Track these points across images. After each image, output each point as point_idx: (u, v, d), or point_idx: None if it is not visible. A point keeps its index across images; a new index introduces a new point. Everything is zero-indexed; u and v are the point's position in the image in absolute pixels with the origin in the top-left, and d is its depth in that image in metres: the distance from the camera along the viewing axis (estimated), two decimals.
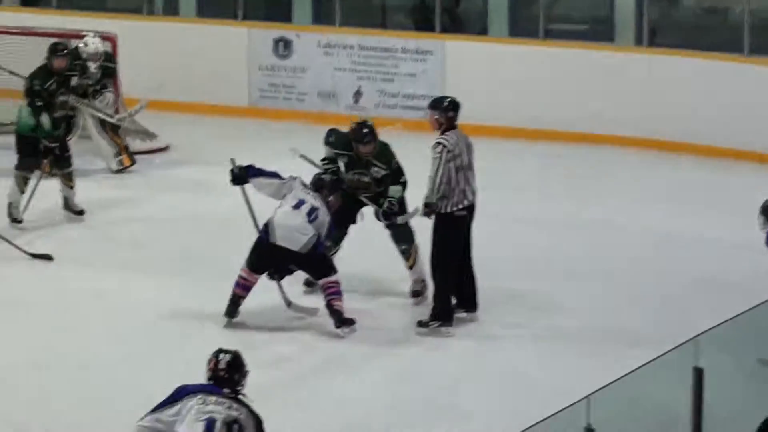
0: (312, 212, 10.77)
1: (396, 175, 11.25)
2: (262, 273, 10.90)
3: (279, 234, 10.70)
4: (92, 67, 14.26)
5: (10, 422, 9.48)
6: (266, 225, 10.79)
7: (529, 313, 11.29)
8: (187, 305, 11.31)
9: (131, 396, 9.24)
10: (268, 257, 10.80)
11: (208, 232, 12.83)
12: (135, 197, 14.05)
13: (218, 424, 6.96)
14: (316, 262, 10.85)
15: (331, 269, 10.86)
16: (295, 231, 10.69)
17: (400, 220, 11.12)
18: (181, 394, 7.06)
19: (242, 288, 10.89)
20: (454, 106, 10.93)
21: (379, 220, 11.22)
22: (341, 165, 11.28)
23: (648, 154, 15.46)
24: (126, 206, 13.76)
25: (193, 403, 7.03)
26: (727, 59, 15.51)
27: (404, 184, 11.26)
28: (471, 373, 10.45)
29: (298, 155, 11.86)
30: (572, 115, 15.80)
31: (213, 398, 7.06)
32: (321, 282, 10.88)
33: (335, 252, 11.23)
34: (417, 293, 11.27)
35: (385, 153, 11.31)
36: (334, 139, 11.41)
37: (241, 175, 11.09)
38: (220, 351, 7.27)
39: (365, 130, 11.22)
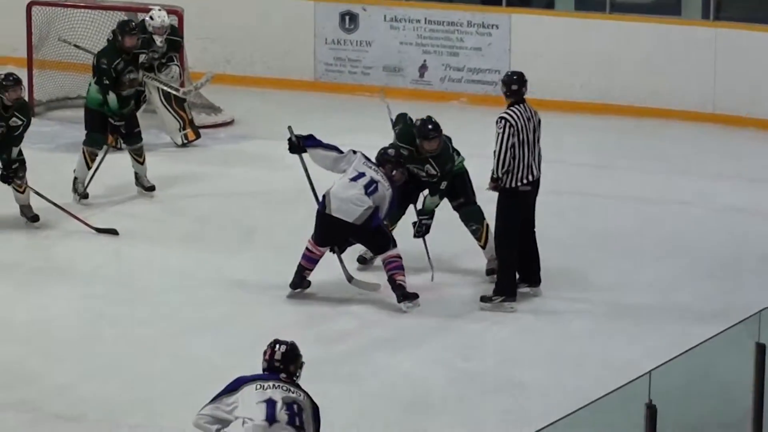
0: (370, 185, 10.76)
1: (442, 180, 11.20)
2: (327, 246, 10.93)
3: (334, 205, 10.72)
4: (158, 40, 14.28)
5: (72, 397, 9.56)
6: (324, 196, 10.82)
7: (592, 289, 11.28)
8: (252, 277, 11.37)
9: (197, 368, 9.40)
10: (327, 229, 10.81)
11: (273, 206, 12.87)
12: (199, 172, 14.08)
13: (279, 405, 6.98)
14: (374, 235, 10.86)
15: (390, 242, 10.85)
16: (349, 202, 10.69)
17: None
18: (238, 383, 7.09)
19: (308, 260, 10.90)
20: (520, 79, 10.87)
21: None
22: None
23: (714, 129, 15.38)
24: (190, 181, 13.81)
25: (251, 389, 7.05)
26: None
27: (443, 193, 11.22)
28: (532, 349, 10.44)
29: (384, 101, 11.93)
30: (640, 90, 15.75)
31: (270, 383, 7.09)
32: (382, 256, 10.89)
33: (391, 230, 11.19)
34: (492, 271, 11.19)
35: (444, 155, 11.18)
36: (399, 130, 11.33)
37: (299, 145, 11.07)
38: (276, 342, 7.29)
39: (430, 126, 11.12)
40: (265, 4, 17.24)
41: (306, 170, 11.24)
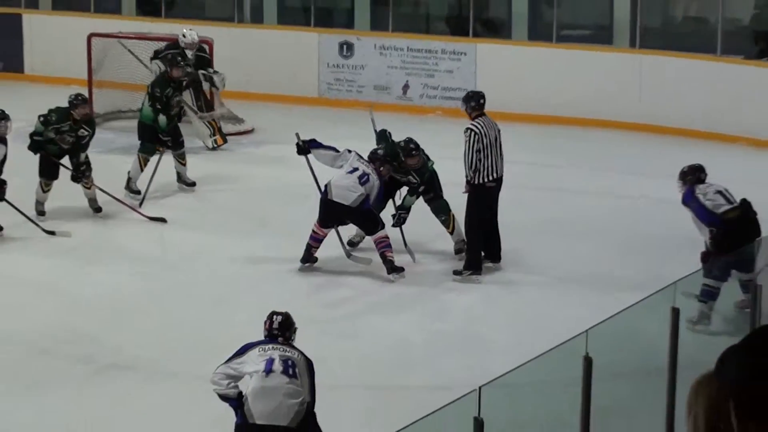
0: (363, 176, 10.80)
1: (420, 185, 11.19)
2: (329, 227, 10.94)
3: (334, 192, 10.76)
4: (189, 54, 14.35)
5: (127, 353, 9.57)
6: (326, 185, 10.88)
7: (543, 265, 11.26)
8: (269, 254, 11.37)
9: (225, 328, 9.36)
10: (329, 212, 10.84)
11: (286, 198, 12.85)
12: (227, 170, 14.04)
13: (276, 361, 7.06)
14: (366, 218, 10.86)
15: (379, 225, 10.85)
16: (346, 189, 10.74)
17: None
18: (245, 348, 7.18)
19: (314, 240, 10.91)
20: (479, 98, 10.94)
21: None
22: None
23: (641, 135, 15.35)
24: (220, 178, 13.75)
25: (255, 351, 7.14)
26: (703, 58, 15.37)
27: (420, 194, 11.23)
28: (494, 313, 10.47)
29: (371, 114, 11.94)
30: (582, 104, 15.71)
31: (270, 346, 7.16)
32: (373, 237, 10.88)
33: None
34: (459, 250, 11.17)
35: (422, 168, 11.21)
36: (385, 148, 11.27)
37: (305, 147, 11.16)
38: (273, 313, 7.37)
39: (412, 146, 11.17)
40: (277, 36, 17.22)
41: (311, 167, 11.25)
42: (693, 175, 9.99)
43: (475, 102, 10.86)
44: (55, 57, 17.33)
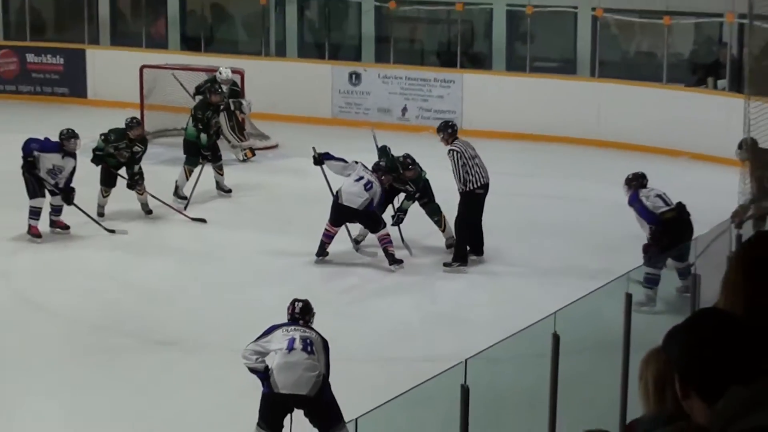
0: (368, 184, 10.78)
1: (416, 193, 11.17)
2: (339, 225, 10.93)
3: (344, 197, 10.74)
4: (224, 87, 14.32)
5: (171, 328, 9.56)
6: (337, 191, 10.86)
7: (519, 258, 11.23)
8: (290, 249, 11.33)
9: (254, 309, 9.34)
10: (339, 213, 10.83)
11: (305, 202, 12.77)
12: (256, 179, 13.96)
13: (297, 340, 7.05)
14: (370, 218, 10.83)
15: (382, 224, 10.83)
16: (354, 195, 10.72)
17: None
18: (271, 329, 7.18)
19: (327, 237, 10.90)
20: (453, 125, 11.09)
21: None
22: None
23: (600, 150, 15.25)
24: (250, 185, 13.68)
25: (279, 332, 7.14)
26: (651, 86, 15.35)
27: (415, 199, 11.21)
28: (478, 297, 10.46)
29: (373, 133, 11.89)
30: (551, 124, 15.62)
31: (292, 328, 7.16)
32: (376, 234, 10.86)
33: None
34: (450, 245, 11.14)
35: (418, 179, 11.19)
36: (386, 159, 11.23)
37: (319, 159, 11.15)
38: (295, 300, 7.38)
39: (409, 161, 11.16)
40: (297, 67, 17.16)
41: (325, 176, 11.25)
42: (637, 181, 10.03)
43: (450, 129, 10.97)
44: (112, 84, 17.30)
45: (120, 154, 11.99)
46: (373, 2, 17.01)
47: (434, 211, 11.29)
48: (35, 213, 11.47)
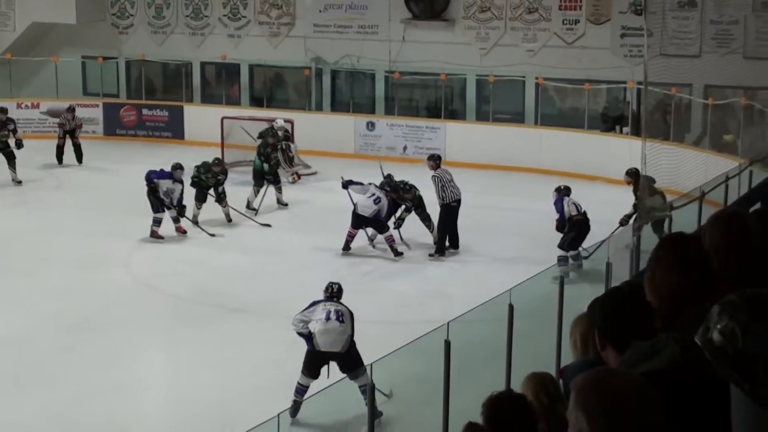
0: (377, 199, 10.78)
1: (412, 207, 11.09)
2: (358, 228, 10.87)
3: (360, 208, 10.76)
4: (279, 132, 14.23)
5: (241, 301, 9.51)
6: (355, 204, 10.84)
7: (485, 251, 11.16)
8: (326, 246, 11.25)
9: (298, 290, 9.25)
10: (358, 219, 10.81)
11: (336, 214, 12.68)
12: (302, 196, 13.85)
13: (332, 312, 7.01)
14: (379, 223, 10.80)
15: (386, 228, 10.81)
16: (367, 207, 10.73)
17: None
18: (313, 304, 7.16)
19: (349, 236, 10.88)
20: (437, 157, 11.18)
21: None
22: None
23: (540, 176, 15.15)
24: (298, 201, 13.59)
25: (319, 306, 7.10)
26: (577, 131, 15.29)
27: (411, 210, 11.13)
28: (456, 279, 10.39)
29: (380, 164, 11.84)
30: (506, 157, 15.52)
31: (329, 303, 7.13)
32: (383, 235, 10.83)
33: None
34: (436, 242, 11.08)
35: (415, 198, 11.12)
36: (390, 185, 11.11)
37: (345, 184, 11.15)
38: (331, 283, 7.36)
39: (407, 186, 11.12)
40: (331, 118, 17.12)
41: (349, 195, 11.22)
42: (564, 191, 10.42)
43: (436, 159, 11.09)
44: (203, 130, 17.27)
45: (208, 180, 12.03)
46: (384, 73, 16.96)
47: (426, 218, 11.27)
48: (157, 222, 11.53)
